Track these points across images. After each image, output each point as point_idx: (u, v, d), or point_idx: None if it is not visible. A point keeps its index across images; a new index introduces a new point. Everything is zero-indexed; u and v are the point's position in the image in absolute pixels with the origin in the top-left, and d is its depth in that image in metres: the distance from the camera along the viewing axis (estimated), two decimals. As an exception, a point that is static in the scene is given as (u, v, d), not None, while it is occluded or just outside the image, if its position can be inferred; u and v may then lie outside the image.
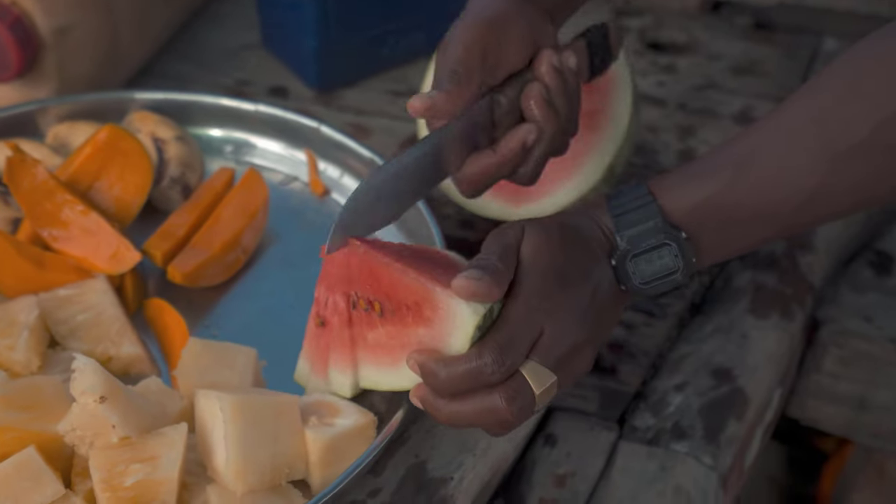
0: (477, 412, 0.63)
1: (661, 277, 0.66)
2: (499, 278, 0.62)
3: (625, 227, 0.66)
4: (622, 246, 0.66)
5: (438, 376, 0.62)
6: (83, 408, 0.63)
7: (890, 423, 1.00)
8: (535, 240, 0.64)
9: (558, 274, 0.64)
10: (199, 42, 1.17)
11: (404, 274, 0.66)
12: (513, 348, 0.62)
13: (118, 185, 0.83)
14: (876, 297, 1.00)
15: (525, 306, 0.63)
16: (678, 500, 0.80)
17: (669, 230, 0.65)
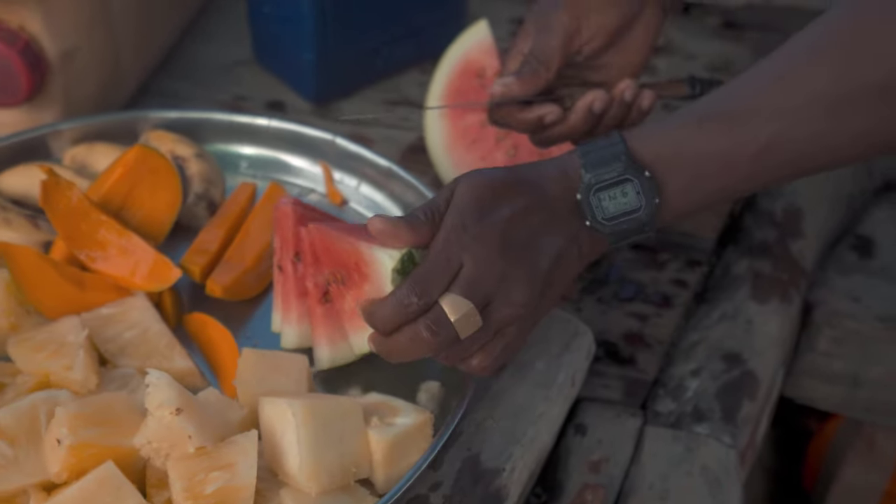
0: (408, 343, 0.67)
1: (623, 214, 0.68)
2: (413, 224, 0.67)
3: (591, 164, 0.68)
4: (586, 180, 0.68)
5: (373, 316, 0.68)
6: (159, 420, 0.64)
7: (883, 398, 1.06)
8: (465, 184, 0.68)
9: (481, 209, 0.66)
10: (193, 59, 1.18)
11: (341, 241, 0.73)
12: (427, 281, 0.66)
13: (150, 203, 0.84)
14: (861, 278, 1.06)
15: (442, 242, 0.67)
16: (705, 478, 0.84)
17: (632, 166, 0.68)
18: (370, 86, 1.16)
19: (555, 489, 0.82)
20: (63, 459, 0.64)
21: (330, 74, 1.11)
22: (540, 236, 0.68)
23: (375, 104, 1.15)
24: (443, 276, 0.66)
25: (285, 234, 0.80)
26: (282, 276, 0.81)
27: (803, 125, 0.66)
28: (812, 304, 1.04)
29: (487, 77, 0.99)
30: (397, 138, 1.10)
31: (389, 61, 1.16)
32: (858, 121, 0.66)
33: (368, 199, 0.94)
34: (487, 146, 0.98)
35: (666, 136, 0.69)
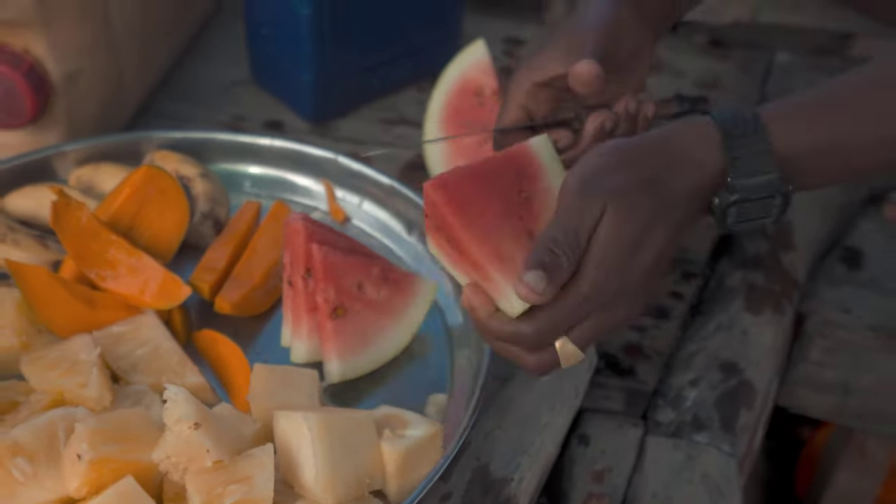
0: (509, 355, 0.69)
1: (753, 220, 0.68)
2: (558, 283, 0.65)
3: (740, 174, 0.66)
4: (732, 195, 0.66)
5: (483, 325, 0.68)
6: (177, 435, 0.66)
7: (873, 405, 1.08)
8: (615, 232, 0.64)
9: (629, 270, 0.65)
10: (191, 80, 1.20)
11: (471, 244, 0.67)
12: (553, 334, 0.67)
13: (158, 222, 0.85)
14: (850, 289, 1.09)
15: (579, 297, 0.66)
16: (706, 487, 0.86)
17: (782, 185, 0.66)
18: (367, 105, 1.18)
19: (559, 499, 0.83)
20: (83, 475, 0.65)
21: (328, 94, 1.13)
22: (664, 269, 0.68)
23: (373, 123, 1.16)
24: (567, 327, 0.67)
25: (296, 251, 0.81)
26: (292, 292, 0.82)
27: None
28: (804, 315, 1.06)
29: (485, 95, 1.01)
30: (396, 156, 1.12)
31: (386, 81, 1.18)
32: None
33: (371, 216, 0.96)
34: (486, 163, 0.99)
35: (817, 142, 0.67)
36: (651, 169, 0.67)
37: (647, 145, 0.68)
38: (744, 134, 0.66)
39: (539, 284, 0.64)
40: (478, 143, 1.00)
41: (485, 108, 1.01)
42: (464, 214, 0.67)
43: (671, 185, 0.67)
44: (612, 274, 0.66)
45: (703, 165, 0.67)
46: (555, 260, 0.64)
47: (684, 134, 0.68)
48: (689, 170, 0.67)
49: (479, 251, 0.67)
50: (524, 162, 0.69)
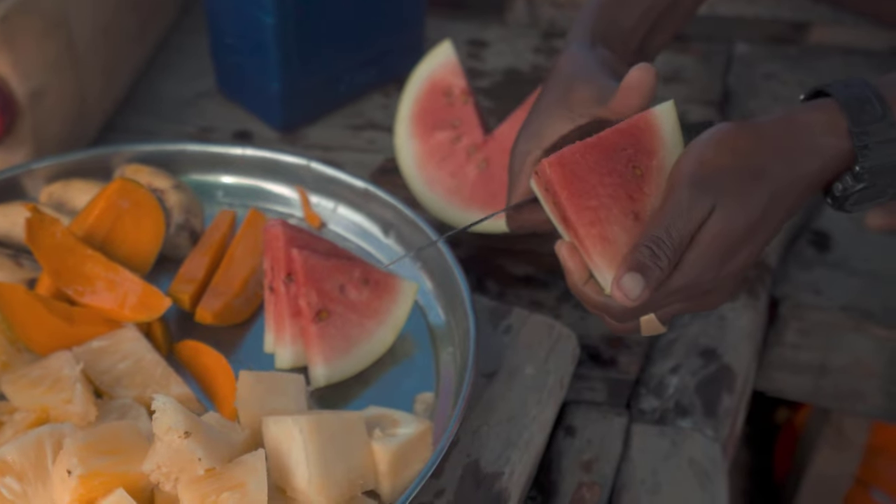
0: (595, 310, 0.69)
1: (870, 201, 0.65)
2: (657, 284, 0.63)
3: (871, 168, 0.62)
4: (858, 184, 0.63)
5: (578, 291, 0.68)
6: (168, 445, 0.65)
7: (848, 385, 1.10)
8: (721, 230, 0.63)
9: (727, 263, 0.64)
10: (155, 94, 1.19)
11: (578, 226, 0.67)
12: (641, 313, 0.67)
13: (133, 235, 0.85)
14: (821, 271, 1.10)
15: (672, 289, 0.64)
16: (694, 471, 0.87)
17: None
18: (335, 111, 1.18)
19: (549, 490, 0.84)
20: (73, 490, 0.65)
21: (295, 102, 1.13)
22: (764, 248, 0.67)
23: (341, 129, 1.17)
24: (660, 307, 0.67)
25: (276, 256, 0.81)
26: (273, 298, 0.82)
27: None
28: (778, 299, 1.08)
29: (455, 95, 1.02)
30: (365, 161, 1.12)
31: (352, 87, 1.18)
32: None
33: (346, 220, 0.96)
34: (458, 161, 1.00)
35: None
36: (766, 160, 0.64)
37: (764, 132, 0.64)
38: (872, 119, 0.62)
39: (635, 290, 0.63)
40: (449, 141, 1.01)
41: (454, 107, 1.01)
42: (575, 195, 0.66)
43: (786, 175, 0.64)
44: (710, 270, 0.64)
45: (825, 152, 0.64)
46: (655, 262, 0.63)
47: (805, 118, 0.64)
48: (808, 158, 0.64)
49: (587, 234, 0.66)
50: (645, 134, 0.67)
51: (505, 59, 1.28)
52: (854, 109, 0.63)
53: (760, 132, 0.65)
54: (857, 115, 0.63)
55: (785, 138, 0.65)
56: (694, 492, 0.85)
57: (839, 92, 0.64)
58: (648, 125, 0.67)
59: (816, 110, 0.65)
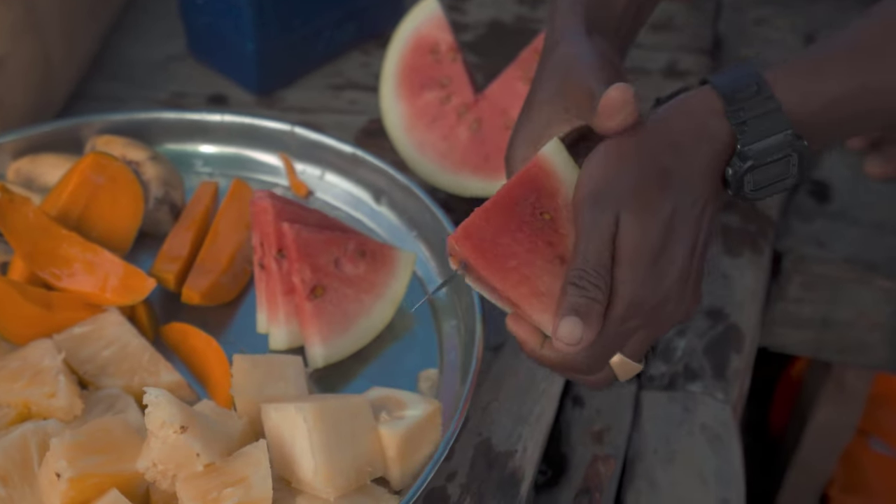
0: (567, 375, 0.67)
1: (772, 184, 0.63)
2: (595, 321, 0.60)
3: (750, 140, 0.61)
4: (744, 161, 0.62)
5: (538, 356, 0.65)
6: (163, 441, 0.61)
7: (852, 337, 1.07)
8: (634, 236, 0.60)
9: (659, 268, 0.61)
10: (123, 59, 1.13)
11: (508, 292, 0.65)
12: (604, 357, 0.64)
13: (110, 213, 0.80)
14: (822, 223, 1.07)
15: (622, 318, 0.61)
16: (706, 437, 0.84)
17: (795, 142, 0.62)
18: (313, 72, 1.13)
19: (560, 463, 0.81)
20: (64, 493, 0.60)
21: (272, 63, 1.07)
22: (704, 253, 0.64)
23: (321, 90, 1.11)
24: (620, 347, 0.63)
25: (266, 231, 0.77)
26: (264, 275, 0.77)
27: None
28: (780, 253, 1.05)
29: (442, 52, 0.97)
30: (347, 124, 1.07)
31: (330, 45, 1.12)
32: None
33: (335, 188, 0.91)
34: (449, 123, 0.95)
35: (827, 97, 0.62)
36: (657, 158, 0.63)
37: (647, 134, 0.63)
38: (747, 96, 0.62)
39: (575, 333, 0.60)
40: (438, 102, 0.96)
41: (442, 64, 0.97)
42: (492, 262, 0.64)
43: (683, 167, 0.63)
44: (647, 283, 0.61)
45: (711, 137, 0.63)
46: (584, 296, 0.60)
47: (683, 109, 0.64)
48: (698, 146, 0.63)
49: (518, 296, 0.63)
50: (541, 178, 0.65)
51: (487, 10, 1.23)
52: (728, 89, 0.62)
53: (645, 134, 0.64)
54: (732, 95, 0.62)
55: (670, 133, 0.63)
56: (708, 458, 0.82)
57: (716, 78, 0.64)
58: (542, 168, 0.65)
59: (692, 98, 0.64)
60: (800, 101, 0.63)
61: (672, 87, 1.13)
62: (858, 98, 0.63)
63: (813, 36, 1.20)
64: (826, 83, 0.63)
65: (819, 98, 0.63)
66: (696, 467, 0.82)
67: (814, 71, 0.64)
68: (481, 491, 0.71)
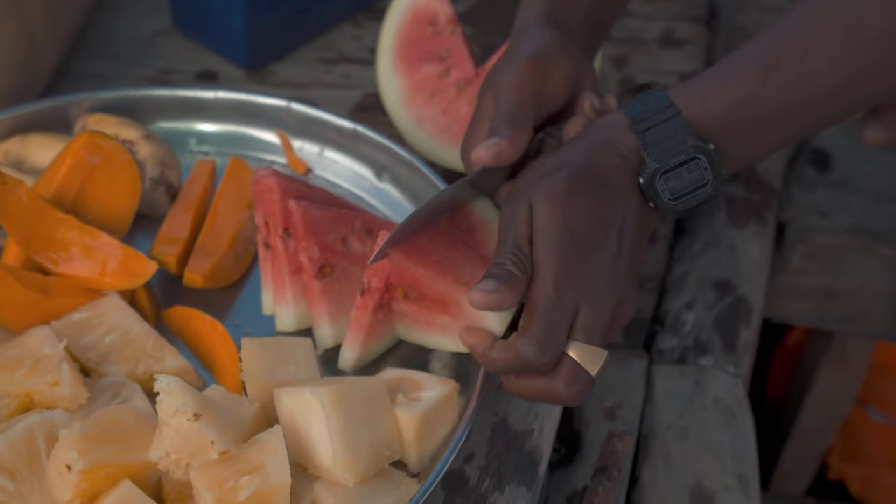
0: (539, 393, 0.64)
1: (691, 191, 0.65)
2: (512, 285, 0.62)
3: (652, 144, 0.64)
4: (651, 165, 0.64)
5: (491, 361, 0.64)
6: (176, 429, 0.59)
7: (855, 307, 1.07)
8: (545, 213, 0.63)
9: (578, 241, 0.63)
10: (108, 35, 1.10)
11: (430, 280, 0.68)
12: (551, 339, 0.62)
13: (106, 194, 0.77)
14: (824, 192, 1.06)
15: (554, 291, 0.62)
16: (719, 411, 0.83)
17: (698, 143, 0.64)
18: (304, 46, 1.10)
19: (573, 441, 0.79)
20: (75, 486, 0.58)
21: (262, 37, 1.04)
22: (636, 243, 0.65)
23: (313, 64, 1.09)
24: (564, 327, 0.62)
25: (271, 209, 0.74)
26: (270, 255, 0.75)
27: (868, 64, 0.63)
28: (783, 223, 1.04)
29: (441, 24, 0.94)
30: (341, 98, 1.04)
31: (321, 18, 1.10)
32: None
33: (336, 165, 0.89)
34: (448, 97, 0.93)
35: (724, 97, 0.64)
36: (572, 157, 0.66)
37: (569, 147, 0.68)
38: (649, 111, 0.65)
39: (489, 285, 0.62)
40: (437, 76, 0.94)
41: (440, 37, 0.94)
42: (418, 256, 0.68)
43: (597, 167, 0.65)
44: (568, 258, 0.62)
45: (622, 149, 0.66)
46: (502, 268, 0.63)
47: (599, 128, 0.68)
48: (611, 155, 0.66)
49: (443, 281, 0.67)
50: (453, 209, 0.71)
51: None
52: (634, 110, 0.66)
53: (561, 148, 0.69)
54: (637, 113, 0.66)
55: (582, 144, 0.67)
56: (721, 432, 0.81)
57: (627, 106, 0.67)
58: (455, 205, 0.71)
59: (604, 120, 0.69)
60: (699, 106, 0.65)
61: (668, 57, 1.13)
62: (760, 98, 0.64)
63: (809, 3, 1.19)
64: (725, 87, 0.65)
65: (719, 100, 0.65)
66: (711, 442, 0.81)
67: (714, 78, 0.67)
68: (500, 471, 0.69)
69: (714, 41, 1.16)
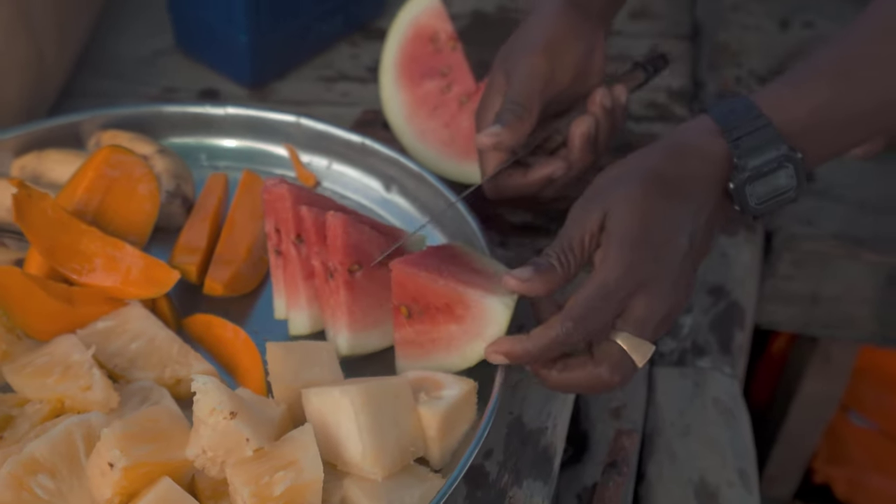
0: (585, 381, 0.67)
1: (775, 196, 0.68)
2: (547, 277, 0.66)
3: (746, 152, 0.67)
4: (743, 172, 0.67)
5: (528, 352, 0.67)
6: (213, 427, 0.61)
7: (840, 312, 1.10)
8: (622, 217, 0.65)
9: (652, 243, 0.65)
10: (111, 54, 1.12)
11: (433, 281, 0.71)
12: (587, 320, 0.65)
13: (126, 207, 0.79)
14: (809, 201, 1.10)
15: (614, 282, 0.65)
16: (719, 410, 0.86)
17: (789, 153, 0.66)
18: (303, 64, 1.13)
19: (581, 440, 0.82)
20: (116, 483, 0.60)
21: (264, 56, 1.07)
22: (702, 250, 0.68)
23: (313, 82, 1.11)
24: (608, 314, 0.65)
25: (282, 217, 0.77)
26: (281, 261, 0.77)
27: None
28: (771, 232, 1.08)
29: (441, 41, 0.97)
30: (342, 115, 1.07)
31: (320, 37, 1.13)
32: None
33: (344, 177, 0.91)
34: (450, 111, 0.96)
35: (810, 102, 0.67)
36: (650, 163, 0.68)
37: (645, 150, 0.69)
38: (740, 118, 0.67)
39: (525, 272, 0.66)
40: (439, 90, 0.97)
41: (441, 53, 0.97)
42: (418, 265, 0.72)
43: (676, 172, 0.67)
44: (645, 254, 0.65)
45: (708, 155, 0.67)
46: (545, 258, 0.66)
47: (682, 132, 0.69)
48: (693, 160, 0.67)
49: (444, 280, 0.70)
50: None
51: (470, 1, 1.24)
52: (722, 115, 0.68)
53: (643, 150, 0.70)
54: (725, 118, 0.68)
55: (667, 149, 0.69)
56: (721, 431, 0.85)
57: (711, 108, 0.70)
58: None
59: (691, 123, 0.70)
60: (787, 114, 0.68)
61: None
62: (841, 102, 0.67)
63: (787, 21, 1.24)
64: (809, 92, 0.68)
65: (804, 106, 0.68)
66: (712, 440, 0.84)
67: (797, 84, 0.69)
68: (518, 467, 0.72)
69: (698, 57, 1.20)
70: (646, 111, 1.12)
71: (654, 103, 1.13)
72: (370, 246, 0.76)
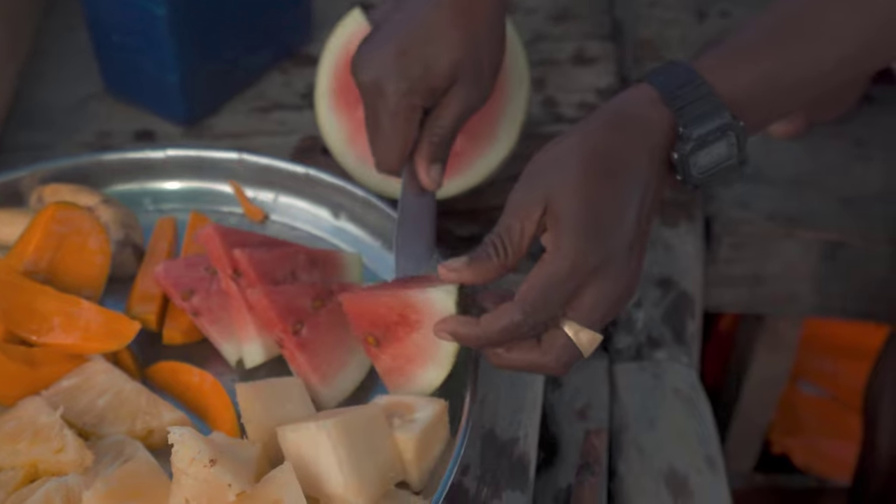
0: (529, 365, 0.67)
1: (716, 165, 0.66)
2: (480, 266, 0.65)
3: (691, 122, 0.65)
4: (688, 141, 0.65)
5: (477, 337, 0.67)
6: (195, 477, 0.61)
7: (783, 289, 1.14)
8: (566, 198, 0.64)
9: (598, 226, 0.64)
10: (39, 104, 1.11)
11: (377, 301, 0.72)
12: (542, 308, 0.65)
13: (77, 261, 0.79)
14: (741, 186, 1.14)
15: (565, 271, 0.64)
16: (680, 401, 0.89)
17: (732, 122, 0.65)
18: (236, 97, 1.13)
19: (551, 444, 0.84)
20: (103, 544, 0.60)
21: (196, 92, 1.07)
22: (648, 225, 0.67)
23: (247, 114, 1.11)
24: (558, 302, 0.64)
25: (217, 257, 0.78)
26: (227, 301, 0.78)
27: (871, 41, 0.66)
28: (709, 218, 1.11)
29: (374, 64, 0.98)
30: (280, 144, 1.08)
31: (249, 69, 1.13)
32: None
33: (292, 209, 0.92)
34: (389, 132, 0.97)
35: (749, 72, 0.66)
36: (589, 140, 0.66)
37: (582, 123, 0.67)
38: (681, 84, 0.66)
39: (457, 263, 0.66)
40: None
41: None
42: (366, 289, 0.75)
43: (618, 145, 0.66)
44: (589, 239, 0.64)
45: (651, 124, 0.66)
46: (481, 249, 0.66)
47: (621, 102, 0.68)
48: (636, 130, 0.66)
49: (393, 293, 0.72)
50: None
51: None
52: (663, 81, 0.66)
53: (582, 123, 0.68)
54: (667, 86, 0.66)
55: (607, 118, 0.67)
56: (685, 420, 0.87)
57: (651, 76, 0.68)
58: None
59: (630, 92, 0.68)
60: (729, 82, 0.67)
61: (582, 75, 1.18)
62: (776, 75, 0.67)
63: (704, 12, 1.27)
64: (751, 61, 0.67)
65: (746, 75, 0.67)
66: (676, 430, 0.86)
67: (739, 53, 0.68)
68: (496, 480, 0.73)
69: (622, 55, 1.23)
70: (577, 112, 1.14)
71: (584, 103, 1.15)
72: (299, 297, 0.76)
